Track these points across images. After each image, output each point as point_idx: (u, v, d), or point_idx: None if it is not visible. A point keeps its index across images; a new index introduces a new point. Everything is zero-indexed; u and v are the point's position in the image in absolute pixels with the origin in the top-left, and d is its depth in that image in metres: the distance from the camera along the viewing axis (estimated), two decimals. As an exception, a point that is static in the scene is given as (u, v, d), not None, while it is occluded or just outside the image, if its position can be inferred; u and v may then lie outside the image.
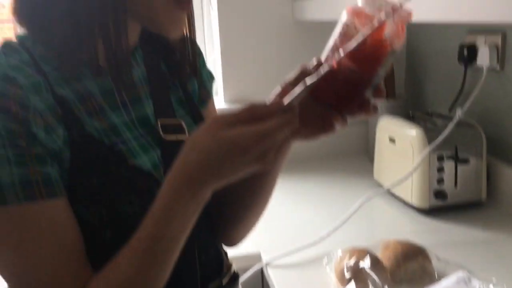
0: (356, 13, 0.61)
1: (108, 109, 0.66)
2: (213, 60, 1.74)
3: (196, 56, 0.76)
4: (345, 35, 0.61)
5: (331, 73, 0.61)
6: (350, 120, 0.66)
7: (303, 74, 0.64)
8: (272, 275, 1.01)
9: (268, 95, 0.68)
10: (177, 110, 0.75)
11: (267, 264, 1.05)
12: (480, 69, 1.29)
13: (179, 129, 0.71)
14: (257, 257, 1.09)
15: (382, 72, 0.62)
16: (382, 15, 0.59)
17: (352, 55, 0.60)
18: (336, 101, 0.64)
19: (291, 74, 0.66)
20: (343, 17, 0.63)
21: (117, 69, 0.62)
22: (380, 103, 1.55)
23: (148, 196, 0.58)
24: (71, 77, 0.63)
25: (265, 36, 1.64)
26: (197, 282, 0.69)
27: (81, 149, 0.60)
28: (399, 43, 0.61)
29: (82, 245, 0.61)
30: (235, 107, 1.62)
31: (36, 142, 0.57)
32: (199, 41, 1.74)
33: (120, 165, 0.63)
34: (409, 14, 0.60)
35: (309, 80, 0.56)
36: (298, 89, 0.55)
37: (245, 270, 1.06)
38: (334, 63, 0.60)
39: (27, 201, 0.56)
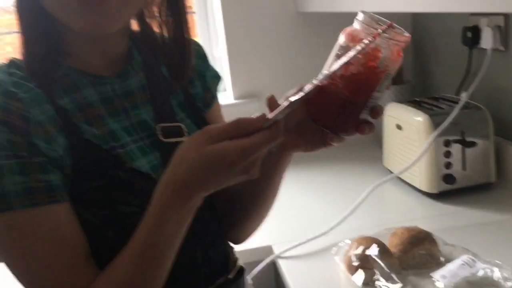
0: (352, 36, 0.61)
1: (108, 115, 0.69)
2: (219, 57, 1.76)
3: (186, 58, 0.77)
4: (341, 58, 0.60)
5: (325, 95, 0.62)
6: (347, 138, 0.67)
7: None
8: (283, 266, 1.04)
9: (276, 88, 0.68)
10: (177, 114, 0.77)
11: (278, 256, 1.07)
12: (484, 51, 1.29)
13: (178, 132, 0.74)
14: (268, 250, 1.11)
15: (378, 95, 0.62)
16: (377, 42, 0.58)
17: (346, 83, 0.60)
18: (331, 124, 0.65)
19: (290, 91, 0.67)
20: (340, 39, 0.63)
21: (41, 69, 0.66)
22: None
23: (146, 197, 0.61)
24: (70, 89, 0.67)
25: (269, 29, 1.65)
26: (200, 280, 0.72)
27: (81, 155, 0.64)
28: (395, 68, 0.61)
29: (86, 246, 0.64)
30: (244, 102, 1.64)
31: (37, 152, 0.60)
32: (204, 39, 1.77)
33: (118, 168, 0.66)
34: (406, 38, 0.59)
35: (293, 97, 0.58)
36: (282, 105, 0.57)
37: (258, 262, 1.09)
38: (319, 81, 0.60)
39: (31, 207, 0.60)
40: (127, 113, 0.71)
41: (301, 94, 0.58)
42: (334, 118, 0.65)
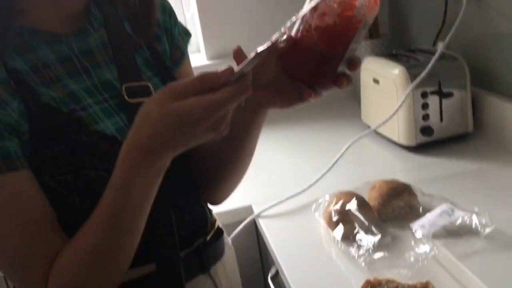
0: None
1: (67, 76, 0.65)
2: (191, 17, 1.70)
3: (150, 12, 0.74)
4: (315, 8, 0.59)
5: (300, 49, 0.60)
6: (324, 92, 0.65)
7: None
8: (263, 225, 1.03)
9: (250, 47, 0.65)
10: (144, 72, 0.73)
11: (258, 216, 1.06)
12: (460, 0, 1.26)
13: (146, 92, 0.70)
14: (249, 210, 1.11)
15: (355, 46, 0.60)
16: None
17: (321, 35, 0.58)
18: (308, 78, 0.63)
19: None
20: None
21: None
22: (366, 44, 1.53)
23: (113, 161, 0.58)
24: (23, 49, 0.63)
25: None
26: (177, 242, 0.70)
27: (39, 120, 0.61)
28: (371, 16, 0.59)
29: (51, 214, 0.62)
30: (218, 63, 1.60)
31: None
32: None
33: (81, 131, 0.63)
34: None
35: (260, 48, 0.55)
36: (249, 57, 0.54)
37: (239, 223, 1.09)
38: (292, 33, 0.58)
39: None
40: (88, 73, 0.68)
41: (269, 43, 0.55)
42: (311, 72, 0.63)
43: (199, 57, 1.66)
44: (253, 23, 1.63)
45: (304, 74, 0.63)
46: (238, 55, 0.59)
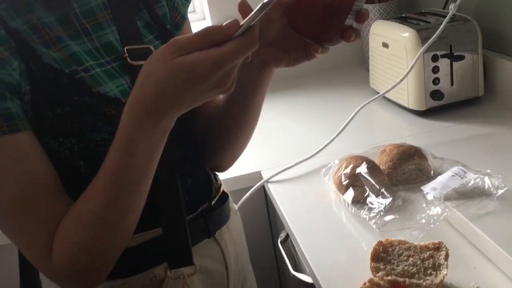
0: None
1: (67, 38, 0.64)
2: (196, -17, 1.67)
3: None
4: None
5: (306, 2, 0.58)
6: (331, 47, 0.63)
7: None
8: (273, 191, 1.03)
9: None
10: (145, 35, 0.72)
11: (267, 181, 1.06)
12: (472, -41, 1.23)
13: (148, 54, 0.68)
14: (258, 176, 1.10)
15: None
16: None
17: None
18: (315, 33, 0.61)
19: None
20: None
21: None
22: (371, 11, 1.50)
23: (117, 123, 0.56)
24: (22, 9, 0.61)
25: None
26: (181, 207, 0.69)
27: (41, 80, 0.59)
28: None
29: (55, 177, 0.61)
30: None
31: None
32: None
33: (83, 93, 0.62)
34: None
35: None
36: (255, 10, 0.51)
37: (248, 189, 1.09)
38: None
39: None
40: (89, 35, 0.66)
41: None
42: (318, 26, 0.61)
43: (204, 24, 1.63)
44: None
45: (311, 29, 0.62)
46: (244, 8, 0.57)
